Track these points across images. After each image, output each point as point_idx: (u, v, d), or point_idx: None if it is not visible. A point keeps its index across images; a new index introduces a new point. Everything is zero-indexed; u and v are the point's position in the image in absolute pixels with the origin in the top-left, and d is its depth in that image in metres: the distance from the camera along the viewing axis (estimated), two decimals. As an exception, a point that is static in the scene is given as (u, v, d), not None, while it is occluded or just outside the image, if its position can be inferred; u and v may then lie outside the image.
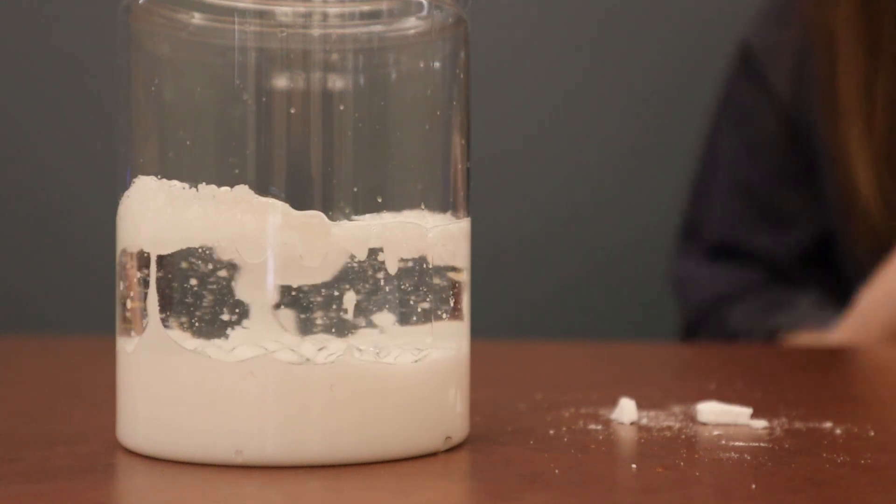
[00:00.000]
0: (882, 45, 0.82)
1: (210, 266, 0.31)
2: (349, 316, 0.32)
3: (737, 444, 0.35)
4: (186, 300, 0.32)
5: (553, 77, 1.12)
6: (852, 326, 0.77)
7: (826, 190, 0.85)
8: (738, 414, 0.39)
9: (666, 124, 1.11)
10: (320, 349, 0.31)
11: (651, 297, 1.09)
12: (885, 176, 0.81)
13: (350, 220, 0.33)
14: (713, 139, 0.91)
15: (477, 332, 0.37)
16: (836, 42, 0.83)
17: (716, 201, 0.90)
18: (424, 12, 0.34)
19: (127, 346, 0.33)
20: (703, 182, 0.92)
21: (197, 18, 0.34)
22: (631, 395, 0.41)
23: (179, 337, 0.32)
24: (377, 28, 0.34)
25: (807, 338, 0.81)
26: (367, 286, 0.32)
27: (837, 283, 0.87)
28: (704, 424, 0.38)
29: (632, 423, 0.39)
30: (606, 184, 1.12)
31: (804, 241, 0.87)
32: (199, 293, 0.32)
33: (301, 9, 0.33)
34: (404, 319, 0.33)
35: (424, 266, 0.33)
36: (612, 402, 0.41)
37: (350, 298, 0.32)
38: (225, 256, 0.31)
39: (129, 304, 0.33)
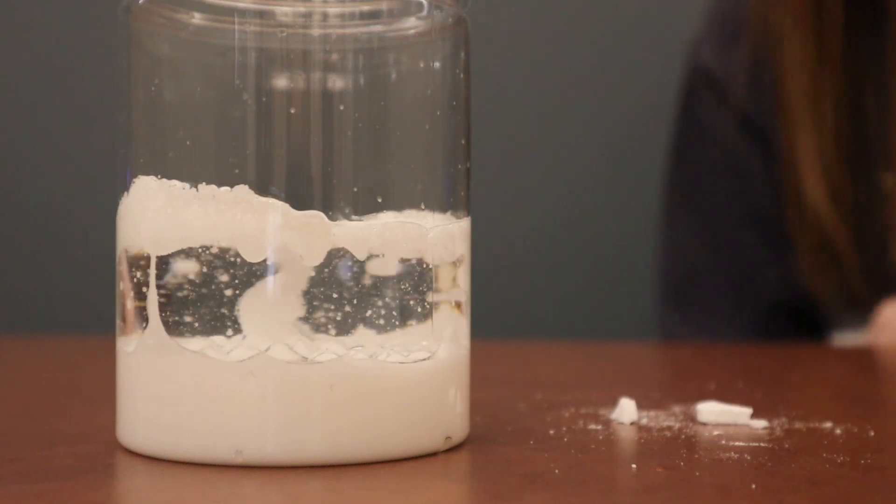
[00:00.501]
0: (829, 48, 0.81)
1: (210, 266, 0.31)
2: (349, 316, 0.32)
3: (737, 444, 0.35)
4: (186, 300, 0.32)
5: (553, 77, 1.12)
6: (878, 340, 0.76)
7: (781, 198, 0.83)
8: (738, 414, 0.39)
9: (667, 124, 1.11)
10: (320, 349, 0.31)
11: (651, 297, 1.09)
12: (835, 179, 0.80)
13: (350, 220, 0.33)
14: (688, 160, 0.89)
15: (477, 332, 0.37)
16: (782, 46, 0.82)
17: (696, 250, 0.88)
18: (424, 12, 0.34)
19: (127, 346, 0.33)
20: (679, 227, 0.90)
21: (197, 18, 0.34)
22: (631, 395, 0.41)
23: (179, 337, 0.32)
24: (377, 28, 0.34)
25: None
26: (368, 286, 0.32)
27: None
28: (704, 424, 0.38)
29: (632, 423, 0.39)
30: (607, 184, 1.12)
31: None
32: (199, 293, 0.32)
33: (301, 9, 0.33)
34: (404, 319, 0.33)
35: (424, 266, 0.33)
36: (612, 402, 0.41)
37: (350, 298, 0.32)
38: (225, 256, 0.31)
39: (129, 304, 0.33)
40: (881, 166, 0.81)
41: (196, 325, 0.32)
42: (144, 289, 0.32)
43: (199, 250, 0.32)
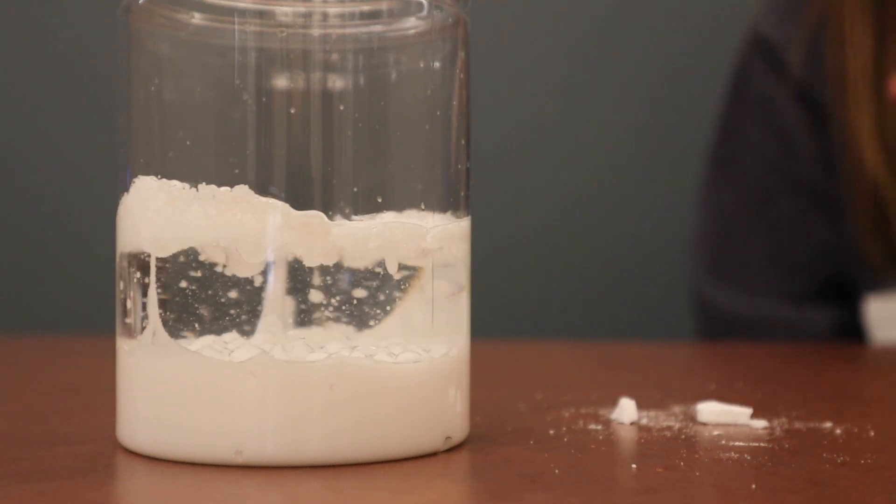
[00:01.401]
0: (891, 23, 0.82)
1: (210, 266, 0.31)
2: (349, 316, 0.32)
3: (737, 444, 0.35)
4: (186, 300, 0.32)
5: (553, 77, 1.12)
6: None
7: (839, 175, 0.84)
8: (738, 414, 0.39)
9: (667, 124, 1.11)
10: (320, 349, 0.31)
11: (652, 297, 1.09)
12: (891, 150, 0.82)
13: (350, 220, 0.33)
14: (735, 131, 0.90)
15: (477, 332, 0.37)
16: (844, 21, 0.83)
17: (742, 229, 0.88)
18: (424, 12, 0.34)
19: (127, 346, 0.33)
20: (726, 187, 0.90)
21: (197, 18, 0.34)
22: (631, 395, 0.41)
23: (179, 337, 0.32)
24: (377, 28, 0.34)
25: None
26: (367, 286, 0.32)
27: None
28: (704, 424, 0.38)
29: (632, 423, 0.39)
30: (607, 184, 1.12)
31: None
32: (199, 293, 0.32)
33: (301, 9, 0.33)
34: (404, 319, 0.33)
35: (424, 266, 0.33)
36: (612, 402, 0.41)
37: (350, 298, 0.32)
38: (225, 256, 0.31)
39: (129, 305, 0.33)
40: None
41: (196, 325, 0.32)
42: (145, 289, 0.32)
43: (199, 250, 0.32)
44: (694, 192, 0.93)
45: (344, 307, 0.32)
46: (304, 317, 0.32)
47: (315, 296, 0.32)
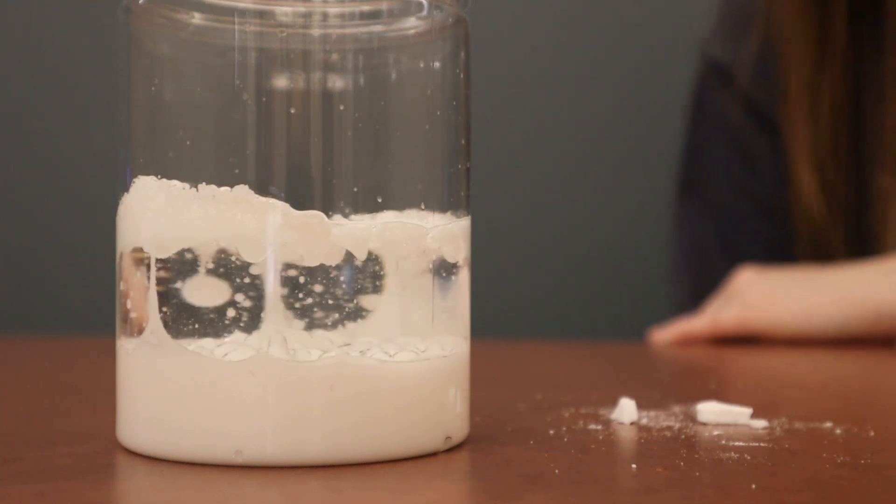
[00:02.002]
0: (831, 44, 0.82)
1: (210, 266, 0.31)
2: (349, 316, 0.32)
3: (737, 444, 0.35)
4: (186, 300, 0.32)
5: (553, 77, 1.12)
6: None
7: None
8: (738, 414, 0.39)
9: (667, 124, 1.11)
10: (321, 349, 0.31)
11: (651, 297, 1.09)
12: (828, 173, 0.81)
13: (350, 220, 0.33)
14: (701, 159, 0.90)
15: (477, 332, 0.37)
16: (786, 40, 0.83)
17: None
18: (424, 12, 0.34)
19: (127, 346, 0.33)
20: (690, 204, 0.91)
21: (197, 18, 0.34)
22: (631, 395, 0.41)
23: (179, 337, 0.32)
24: (377, 28, 0.34)
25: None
26: (368, 286, 0.32)
27: None
28: (704, 424, 0.38)
29: (632, 423, 0.39)
30: (607, 183, 1.12)
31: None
32: (199, 293, 0.32)
33: (301, 9, 0.33)
34: (404, 319, 0.33)
35: (424, 266, 0.33)
36: (612, 402, 0.41)
37: (350, 298, 0.32)
38: (225, 256, 0.31)
39: (128, 304, 0.33)
40: (876, 165, 0.82)
41: (196, 325, 0.32)
42: (145, 289, 0.32)
43: (199, 250, 0.32)
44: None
45: (344, 307, 0.32)
46: (305, 317, 0.32)
47: (315, 296, 0.32)
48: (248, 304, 0.31)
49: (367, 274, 0.32)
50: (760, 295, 0.76)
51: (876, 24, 0.82)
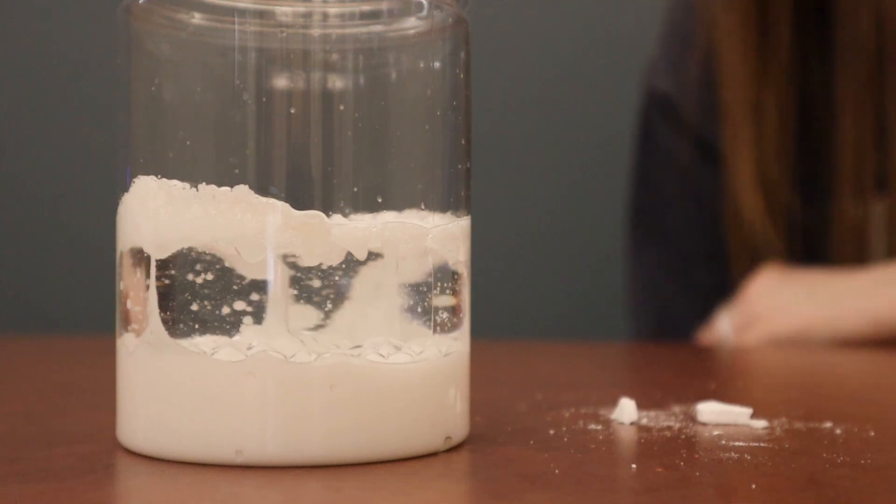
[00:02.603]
0: (772, 60, 0.80)
1: (210, 266, 0.31)
2: (349, 316, 0.32)
3: (737, 444, 0.35)
4: (186, 300, 0.32)
5: (553, 77, 1.12)
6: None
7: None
8: (738, 414, 0.39)
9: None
10: (321, 349, 0.31)
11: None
12: (774, 194, 0.80)
13: (350, 220, 0.33)
14: (651, 190, 0.90)
15: (477, 332, 0.37)
16: (724, 56, 0.81)
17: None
18: (424, 12, 0.34)
19: (127, 346, 0.33)
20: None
21: (197, 18, 0.34)
22: (631, 395, 0.41)
23: (179, 337, 0.32)
24: (377, 28, 0.34)
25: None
26: (367, 286, 0.32)
27: None
28: (704, 424, 0.38)
29: (632, 423, 0.39)
30: (607, 183, 1.12)
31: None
32: (199, 293, 0.32)
33: (301, 9, 0.33)
34: (404, 319, 0.33)
35: (424, 266, 0.33)
36: (612, 402, 0.41)
37: (350, 298, 0.32)
38: (225, 256, 0.31)
39: (129, 304, 0.33)
40: (832, 184, 0.80)
41: (196, 325, 0.32)
42: (144, 289, 0.32)
43: (199, 250, 0.32)
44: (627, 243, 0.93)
45: (344, 307, 0.32)
46: (305, 317, 0.32)
47: (315, 296, 0.32)
48: (248, 304, 0.31)
49: (366, 274, 0.32)
50: (772, 308, 0.76)
51: (822, 34, 0.81)
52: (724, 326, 0.77)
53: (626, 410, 0.39)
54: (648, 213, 0.89)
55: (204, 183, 0.32)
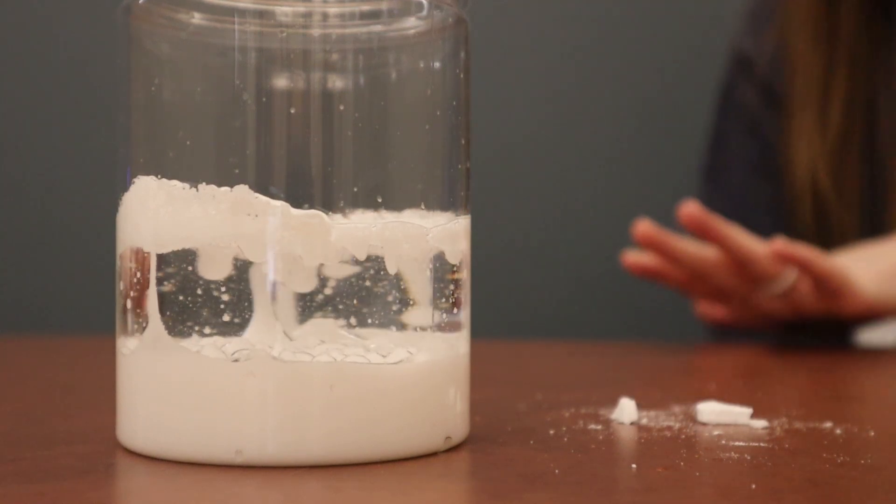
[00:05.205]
0: (840, 41, 0.83)
1: (210, 266, 0.31)
2: (349, 316, 0.32)
3: (737, 444, 0.35)
4: (186, 300, 0.32)
5: (553, 76, 1.12)
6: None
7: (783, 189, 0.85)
8: (738, 414, 0.39)
9: (667, 124, 1.11)
10: (321, 349, 0.31)
11: (652, 297, 1.09)
12: (838, 172, 0.82)
13: (350, 220, 0.33)
14: (722, 145, 0.92)
15: (477, 332, 0.37)
16: (796, 39, 0.84)
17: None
18: (424, 12, 0.34)
19: (127, 346, 0.33)
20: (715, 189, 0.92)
21: (197, 18, 0.34)
22: (631, 395, 0.41)
23: (179, 337, 0.32)
24: (377, 28, 0.34)
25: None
26: (367, 286, 0.32)
27: None
28: (704, 424, 0.38)
29: (632, 423, 0.39)
30: (607, 183, 1.12)
31: None
32: (199, 293, 0.32)
33: (301, 9, 0.33)
34: (405, 319, 0.33)
35: (424, 266, 0.33)
36: (612, 402, 0.41)
37: (350, 298, 0.32)
38: (225, 257, 0.31)
39: (129, 304, 0.33)
40: (888, 160, 0.82)
41: (196, 325, 0.32)
42: (144, 289, 0.32)
43: (199, 250, 0.32)
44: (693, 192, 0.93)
45: (344, 307, 0.32)
46: (305, 317, 0.32)
47: (315, 296, 0.32)
48: (248, 304, 0.31)
49: (366, 274, 0.32)
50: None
51: (887, 22, 0.83)
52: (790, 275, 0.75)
53: (626, 410, 0.39)
54: (718, 166, 0.91)
55: (204, 183, 0.32)
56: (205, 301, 0.32)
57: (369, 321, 0.33)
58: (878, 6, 0.83)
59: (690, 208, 0.69)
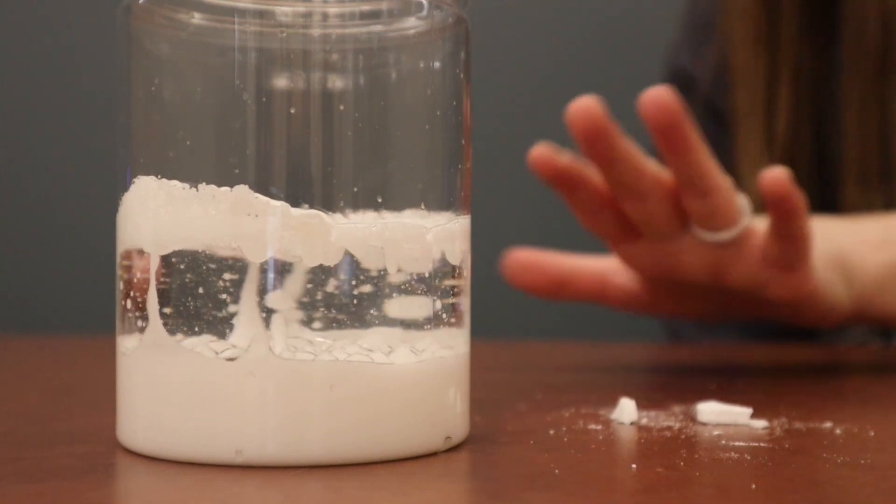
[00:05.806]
0: (781, 50, 0.82)
1: (210, 266, 0.31)
2: (349, 316, 0.32)
3: (737, 444, 0.35)
4: (186, 300, 0.32)
5: (553, 76, 1.12)
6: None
7: None
8: (738, 414, 0.39)
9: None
10: (321, 349, 0.31)
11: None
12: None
13: (350, 220, 0.33)
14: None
15: (477, 332, 0.37)
16: (735, 56, 0.83)
17: None
18: (424, 12, 0.34)
19: (127, 346, 0.33)
20: None
21: (197, 18, 0.34)
22: (631, 395, 0.41)
23: (179, 337, 0.32)
24: (377, 28, 0.34)
25: None
26: (367, 286, 0.32)
27: None
28: (704, 424, 0.38)
29: (632, 423, 0.39)
30: (606, 184, 1.12)
31: None
32: (199, 293, 0.32)
33: (301, 9, 0.33)
34: (404, 319, 0.33)
35: (424, 266, 0.33)
36: (612, 402, 0.41)
37: (350, 298, 0.32)
38: (225, 256, 0.31)
39: (129, 304, 0.33)
40: (833, 177, 0.81)
41: (196, 325, 0.32)
42: (144, 289, 0.32)
43: (199, 250, 0.32)
44: None
45: (344, 307, 0.32)
46: (305, 317, 0.32)
47: (315, 296, 0.32)
48: (247, 303, 0.31)
49: (366, 274, 0.32)
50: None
51: (829, 27, 0.82)
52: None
53: (626, 410, 0.39)
54: None
55: (204, 183, 0.32)
56: (205, 301, 0.32)
57: (370, 321, 0.33)
58: (817, 10, 0.81)
59: (656, 93, 0.55)
